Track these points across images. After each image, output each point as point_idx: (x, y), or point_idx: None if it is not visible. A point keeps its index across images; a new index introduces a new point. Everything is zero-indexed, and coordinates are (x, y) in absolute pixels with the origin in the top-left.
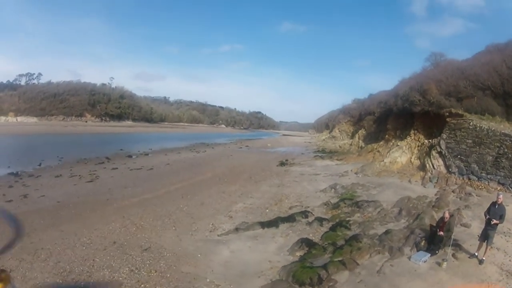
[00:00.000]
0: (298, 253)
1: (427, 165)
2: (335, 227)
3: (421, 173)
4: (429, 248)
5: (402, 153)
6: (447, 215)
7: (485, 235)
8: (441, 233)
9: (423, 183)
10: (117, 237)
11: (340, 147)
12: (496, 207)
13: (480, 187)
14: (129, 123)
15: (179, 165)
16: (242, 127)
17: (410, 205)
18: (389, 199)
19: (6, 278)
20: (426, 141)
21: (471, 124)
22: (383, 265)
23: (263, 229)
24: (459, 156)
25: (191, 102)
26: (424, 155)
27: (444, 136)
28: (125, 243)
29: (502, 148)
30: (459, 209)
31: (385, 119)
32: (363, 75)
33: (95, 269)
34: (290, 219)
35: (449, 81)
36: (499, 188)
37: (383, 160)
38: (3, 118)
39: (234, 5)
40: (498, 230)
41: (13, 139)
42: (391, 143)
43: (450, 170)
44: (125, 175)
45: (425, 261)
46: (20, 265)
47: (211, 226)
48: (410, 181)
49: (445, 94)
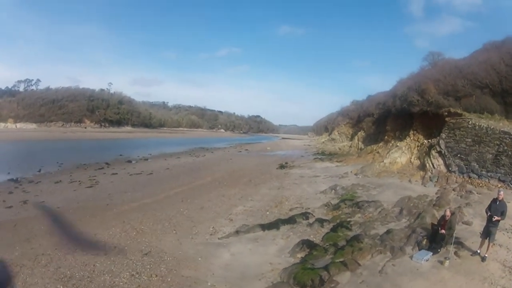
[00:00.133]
0: (299, 255)
1: (427, 165)
2: (336, 228)
3: (421, 172)
4: (431, 246)
5: (401, 154)
6: (448, 213)
7: (487, 232)
8: (443, 231)
9: (423, 183)
10: (117, 241)
11: (339, 149)
12: (497, 203)
13: (480, 185)
14: (128, 128)
15: (179, 170)
16: (241, 131)
17: (410, 204)
18: (389, 199)
19: (7, 278)
20: (425, 141)
21: (470, 123)
22: (385, 265)
23: (264, 231)
24: (459, 155)
25: (190, 107)
26: (423, 155)
27: (443, 135)
28: (126, 247)
29: (501, 145)
30: (460, 207)
31: (384, 120)
32: (362, 76)
33: (95, 274)
34: (290, 221)
35: (447, 80)
36: (499, 185)
37: (383, 160)
38: (2, 124)
39: (231, 9)
40: (500, 226)
41: (13, 145)
42: (391, 144)
43: (450, 169)
44: (124, 180)
45: (427, 260)
46: (21, 271)
47: (211, 229)
48: (410, 181)
49: (443, 93)
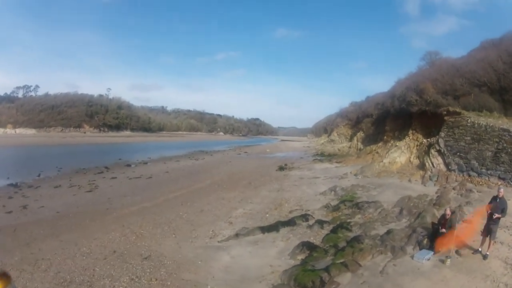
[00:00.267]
0: (299, 257)
1: (427, 164)
2: (336, 229)
3: (421, 172)
4: (432, 246)
5: (401, 153)
6: (448, 212)
7: (488, 230)
8: (443, 230)
9: (423, 182)
10: (117, 246)
11: (339, 150)
12: (497, 201)
13: (480, 183)
14: (128, 133)
15: (178, 173)
16: (240, 134)
17: (410, 204)
18: (389, 199)
19: (6, 278)
20: (424, 140)
21: (469, 121)
22: (386, 265)
23: (264, 233)
24: (458, 153)
25: (189, 111)
26: (423, 154)
27: (442, 134)
28: (125, 252)
29: (501, 143)
30: (460, 205)
31: (383, 121)
32: (360, 77)
33: (95, 279)
34: (290, 223)
35: (445, 79)
36: (499, 183)
37: (382, 161)
38: (1, 130)
39: (227, 13)
40: (501, 224)
41: (12, 151)
42: (390, 144)
43: (450, 167)
44: (124, 184)
45: (429, 259)
46: (20, 276)
47: (211, 232)
48: (410, 180)
49: (441, 92)
